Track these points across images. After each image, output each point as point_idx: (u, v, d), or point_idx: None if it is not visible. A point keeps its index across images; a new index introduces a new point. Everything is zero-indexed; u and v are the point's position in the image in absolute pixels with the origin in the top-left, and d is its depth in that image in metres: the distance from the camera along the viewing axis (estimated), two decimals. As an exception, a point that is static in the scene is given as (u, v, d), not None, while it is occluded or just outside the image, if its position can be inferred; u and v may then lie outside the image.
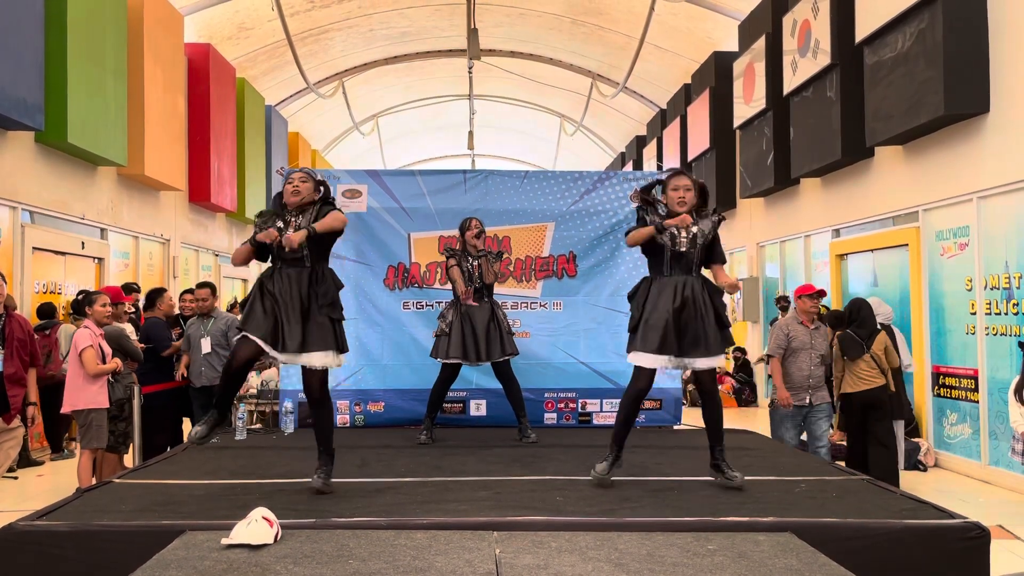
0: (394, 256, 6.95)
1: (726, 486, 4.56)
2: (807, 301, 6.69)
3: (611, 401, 6.85)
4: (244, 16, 13.92)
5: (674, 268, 4.59)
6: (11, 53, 8.01)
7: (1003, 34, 7.47)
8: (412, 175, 7.15)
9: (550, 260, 7.01)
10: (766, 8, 12.05)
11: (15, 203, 8.87)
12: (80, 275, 10.32)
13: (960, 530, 3.80)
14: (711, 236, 4.65)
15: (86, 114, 9.46)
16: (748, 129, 12.84)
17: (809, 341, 6.63)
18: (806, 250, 12.05)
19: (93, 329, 6.49)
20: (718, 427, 4.66)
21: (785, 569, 3.25)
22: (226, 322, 7.35)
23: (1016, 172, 7.31)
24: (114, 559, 3.59)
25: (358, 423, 6.85)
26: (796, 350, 6.60)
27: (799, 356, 6.60)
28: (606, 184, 7.02)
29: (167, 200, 12.86)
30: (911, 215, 9.08)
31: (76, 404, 6.38)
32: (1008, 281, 7.49)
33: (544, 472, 5.00)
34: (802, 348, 6.60)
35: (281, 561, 3.30)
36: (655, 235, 4.57)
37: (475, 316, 5.94)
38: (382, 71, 18.76)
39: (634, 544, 3.56)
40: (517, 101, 21.92)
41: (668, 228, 4.56)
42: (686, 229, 4.58)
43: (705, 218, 4.67)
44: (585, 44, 16.94)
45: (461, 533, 3.68)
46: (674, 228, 4.55)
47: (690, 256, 4.58)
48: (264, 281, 4.57)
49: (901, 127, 8.45)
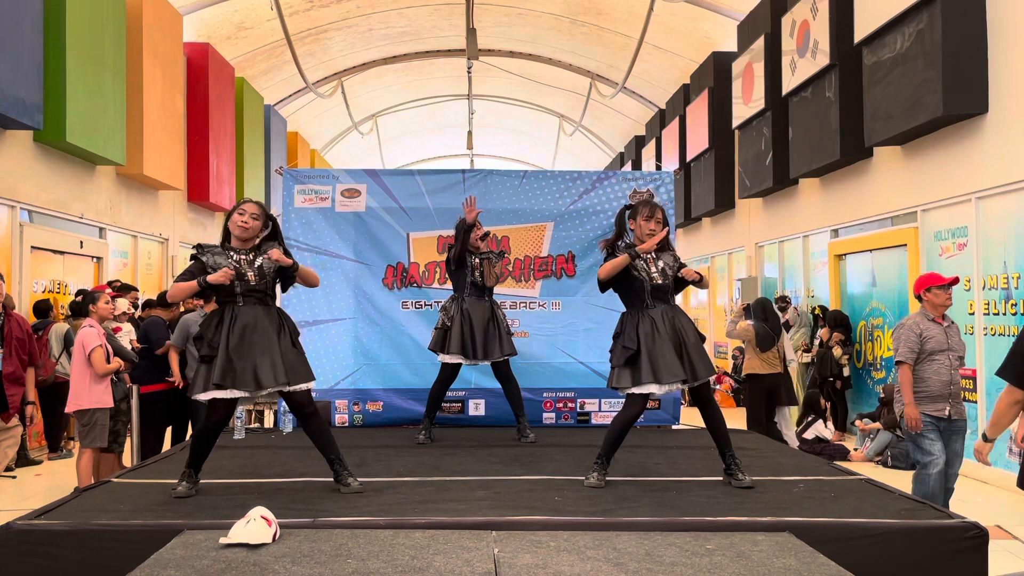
0: (393, 256, 6.95)
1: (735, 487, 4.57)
2: (940, 293, 5.60)
3: (609, 401, 6.85)
4: (243, 16, 13.91)
5: (656, 300, 4.71)
6: (10, 52, 8.00)
7: (1002, 34, 7.48)
8: (411, 175, 7.14)
9: (549, 260, 7.01)
10: (765, 8, 12.06)
11: (14, 202, 8.87)
12: (79, 274, 10.31)
13: (958, 530, 3.80)
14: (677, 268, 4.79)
15: (85, 113, 9.46)
16: (747, 129, 12.84)
17: (946, 341, 5.56)
18: (805, 250, 12.06)
19: (98, 328, 6.49)
20: (725, 433, 4.71)
21: (783, 569, 3.25)
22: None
23: (1015, 172, 7.32)
24: (112, 558, 3.59)
25: (357, 423, 6.85)
26: (932, 352, 5.52)
27: (936, 359, 5.51)
28: (605, 184, 7.02)
29: (166, 199, 12.86)
30: (910, 215, 9.09)
31: (82, 404, 6.38)
32: (1007, 281, 7.50)
33: (543, 472, 5.00)
34: (939, 350, 5.53)
35: (279, 560, 3.30)
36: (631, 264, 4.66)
37: (475, 314, 5.94)
38: (381, 71, 18.76)
39: (632, 544, 3.56)
40: (516, 101, 21.92)
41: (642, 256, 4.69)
42: (654, 263, 4.73)
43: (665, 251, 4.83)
44: (584, 44, 16.94)
45: (460, 533, 3.68)
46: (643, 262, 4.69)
47: (666, 287, 4.73)
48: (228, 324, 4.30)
49: (900, 127, 8.46)
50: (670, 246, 4.95)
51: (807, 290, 12.06)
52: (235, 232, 4.44)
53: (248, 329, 4.31)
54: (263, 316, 4.38)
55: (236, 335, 4.30)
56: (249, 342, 4.30)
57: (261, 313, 4.38)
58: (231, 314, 4.35)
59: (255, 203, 4.53)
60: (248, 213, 4.43)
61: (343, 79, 18.20)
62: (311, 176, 7.03)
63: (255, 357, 4.29)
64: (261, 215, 4.48)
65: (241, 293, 4.37)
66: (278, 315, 4.47)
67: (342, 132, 22.43)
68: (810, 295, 11.90)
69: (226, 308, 4.39)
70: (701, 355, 4.67)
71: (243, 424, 6.41)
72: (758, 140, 12.37)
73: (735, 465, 4.66)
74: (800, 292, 12.24)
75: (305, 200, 6.84)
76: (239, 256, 4.42)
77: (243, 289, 4.37)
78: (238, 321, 4.32)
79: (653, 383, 4.57)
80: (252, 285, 4.38)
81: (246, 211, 4.45)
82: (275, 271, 4.46)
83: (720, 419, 4.74)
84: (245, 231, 4.43)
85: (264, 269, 4.43)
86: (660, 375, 4.55)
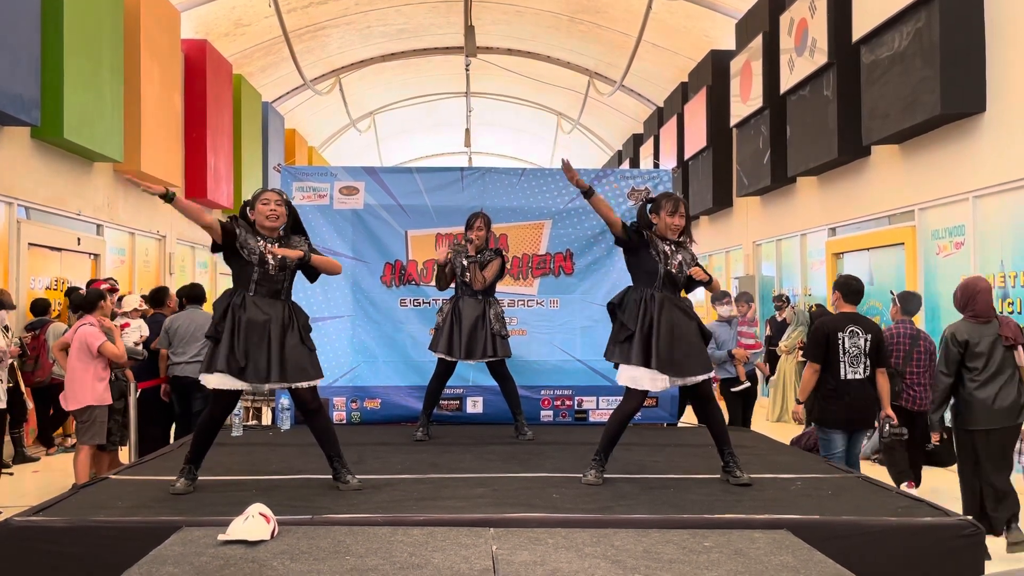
0: (391, 253, 6.94)
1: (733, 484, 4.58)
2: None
3: (607, 399, 6.85)
4: (241, 12, 13.89)
5: (665, 286, 4.69)
6: (7, 49, 7.98)
7: (1000, 33, 7.49)
8: (409, 172, 7.14)
9: (547, 258, 7.01)
10: (763, 7, 12.06)
11: (11, 199, 8.85)
12: (76, 271, 10.29)
13: (955, 528, 3.81)
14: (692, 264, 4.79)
15: (82, 110, 9.44)
16: (745, 128, 12.85)
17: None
18: (802, 249, 12.08)
19: (98, 326, 6.48)
20: (724, 431, 4.72)
21: (781, 566, 3.26)
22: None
23: (1012, 171, 7.33)
24: (110, 555, 3.58)
25: (355, 420, 6.84)
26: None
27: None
28: (603, 182, 7.01)
29: (163, 196, 12.82)
30: (907, 214, 9.10)
31: (84, 401, 6.40)
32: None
33: (541, 469, 5.00)
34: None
35: (278, 557, 3.30)
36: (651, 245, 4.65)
37: (465, 313, 5.95)
38: (379, 68, 18.74)
39: (631, 541, 3.56)
40: (514, 99, 21.91)
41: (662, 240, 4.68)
42: (673, 254, 4.71)
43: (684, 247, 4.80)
44: (582, 42, 16.93)
45: (458, 530, 3.69)
46: (667, 249, 4.67)
47: (678, 279, 4.72)
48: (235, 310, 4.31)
49: (897, 126, 8.47)
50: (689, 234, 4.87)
51: (804, 289, 12.08)
52: (265, 222, 4.42)
53: (254, 323, 4.29)
54: (272, 309, 4.36)
55: (242, 328, 4.28)
56: (255, 336, 4.29)
57: (270, 306, 4.36)
58: (240, 301, 4.34)
59: (276, 191, 4.54)
60: (273, 201, 4.44)
61: (341, 76, 18.18)
62: (309, 174, 7.02)
63: (260, 351, 4.28)
64: (283, 202, 4.48)
65: (256, 281, 4.36)
66: (290, 309, 4.45)
67: (340, 129, 22.41)
68: (807, 294, 11.92)
69: (236, 293, 4.38)
70: (702, 351, 4.67)
71: (241, 421, 6.41)
72: (756, 138, 12.37)
73: (733, 463, 4.66)
74: (797, 291, 12.26)
75: (303, 197, 6.83)
76: (265, 243, 4.42)
77: (259, 276, 4.36)
78: (246, 313, 4.31)
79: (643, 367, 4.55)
80: (271, 274, 4.37)
81: (270, 200, 4.44)
82: (296, 264, 4.44)
83: (720, 417, 4.75)
84: (276, 218, 4.42)
85: (287, 260, 4.41)
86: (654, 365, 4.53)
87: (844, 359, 5.50)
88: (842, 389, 5.48)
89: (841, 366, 5.49)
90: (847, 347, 5.50)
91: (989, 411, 5.35)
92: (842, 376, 5.49)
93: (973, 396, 5.40)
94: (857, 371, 5.50)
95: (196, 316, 7.40)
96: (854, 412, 5.54)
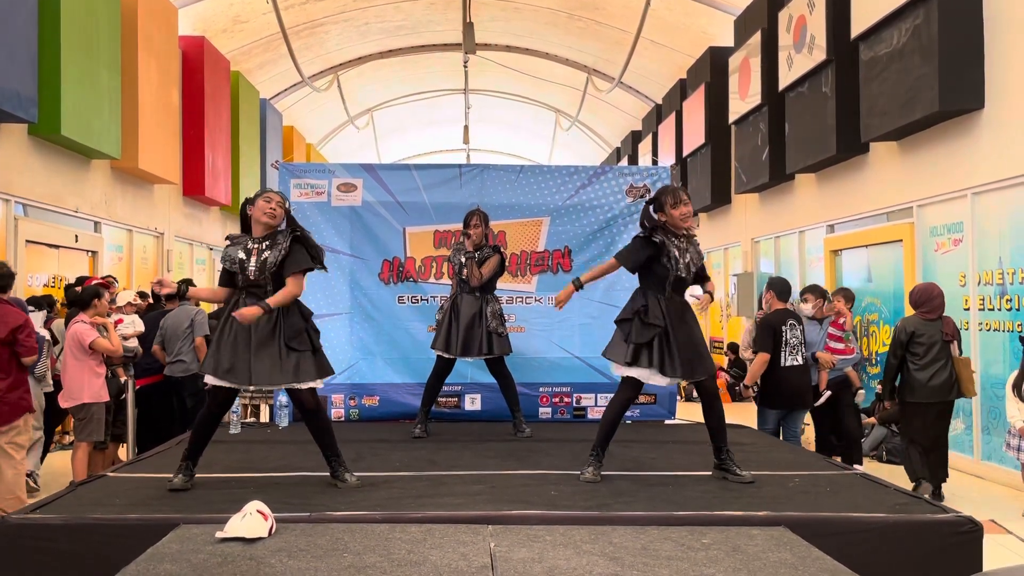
0: (389, 250, 6.94)
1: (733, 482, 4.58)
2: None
3: (605, 396, 6.83)
4: (239, 9, 13.87)
5: (674, 291, 4.70)
6: (4, 45, 7.96)
7: (999, 30, 7.48)
8: (407, 169, 7.13)
9: (545, 255, 7.01)
10: (762, 3, 12.04)
11: (8, 196, 8.84)
12: (74, 269, 10.28)
13: (953, 524, 3.82)
14: (700, 263, 4.82)
15: (79, 107, 9.42)
16: (743, 124, 12.84)
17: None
18: (800, 246, 12.07)
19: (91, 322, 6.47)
20: (723, 428, 4.73)
21: (779, 563, 3.26)
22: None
23: (1010, 168, 7.33)
24: (108, 552, 3.59)
25: (353, 417, 6.84)
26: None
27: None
28: (601, 179, 7.01)
29: (161, 193, 12.81)
30: (905, 211, 9.10)
31: (81, 398, 6.39)
32: (1002, 277, 7.51)
33: (539, 466, 5.00)
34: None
35: (276, 555, 3.30)
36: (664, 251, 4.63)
37: (463, 310, 5.96)
38: (377, 65, 18.71)
39: (629, 538, 3.56)
40: (512, 96, 21.88)
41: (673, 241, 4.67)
42: (683, 254, 4.69)
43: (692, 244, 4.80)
44: (581, 39, 16.91)
45: (456, 527, 3.69)
46: (677, 251, 4.65)
47: (686, 282, 4.75)
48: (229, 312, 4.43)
49: (896, 123, 8.46)
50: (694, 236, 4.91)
51: (803, 286, 12.06)
52: (261, 219, 4.45)
53: (240, 326, 4.34)
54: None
55: (230, 329, 4.37)
56: (242, 338, 4.34)
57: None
58: (234, 304, 4.45)
59: (278, 193, 4.59)
60: (275, 201, 4.48)
61: (339, 73, 18.15)
62: (307, 170, 7.02)
63: (247, 353, 4.33)
64: (284, 207, 4.53)
65: (243, 286, 4.45)
66: (278, 313, 4.42)
67: (338, 126, 22.38)
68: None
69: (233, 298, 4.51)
70: (706, 355, 4.74)
71: (239, 419, 6.41)
72: (754, 135, 12.36)
73: (731, 460, 4.66)
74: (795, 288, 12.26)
75: (301, 194, 6.83)
76: (252, 245, 4.46)
77: (243, 283, 4.44)
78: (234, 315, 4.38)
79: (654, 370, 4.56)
80: (252, 280, 4.42)
81: (272, 199, 4.48)
82: (276, 267, 4.44)
83: (721, 414, 4.74)
84: (273, 218, 4.46)
85: (267, 263, 4.42)
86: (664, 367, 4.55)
87: (785, 349, 6.42)
88: (782, 375, 6.41)
89: (782, 355, 6.41)
90: (787, 338, 6.43)
91: (925, 388, 6.41)
92: (782, 363, 6.41)
93: (913, 376, 6.45)
94: (796, 359, 6.46)
95: (181, 314, 7.41)
96: (793, 394, 6.51)
